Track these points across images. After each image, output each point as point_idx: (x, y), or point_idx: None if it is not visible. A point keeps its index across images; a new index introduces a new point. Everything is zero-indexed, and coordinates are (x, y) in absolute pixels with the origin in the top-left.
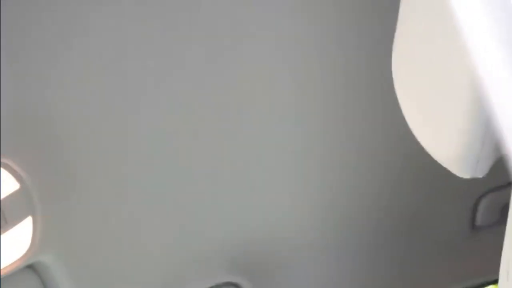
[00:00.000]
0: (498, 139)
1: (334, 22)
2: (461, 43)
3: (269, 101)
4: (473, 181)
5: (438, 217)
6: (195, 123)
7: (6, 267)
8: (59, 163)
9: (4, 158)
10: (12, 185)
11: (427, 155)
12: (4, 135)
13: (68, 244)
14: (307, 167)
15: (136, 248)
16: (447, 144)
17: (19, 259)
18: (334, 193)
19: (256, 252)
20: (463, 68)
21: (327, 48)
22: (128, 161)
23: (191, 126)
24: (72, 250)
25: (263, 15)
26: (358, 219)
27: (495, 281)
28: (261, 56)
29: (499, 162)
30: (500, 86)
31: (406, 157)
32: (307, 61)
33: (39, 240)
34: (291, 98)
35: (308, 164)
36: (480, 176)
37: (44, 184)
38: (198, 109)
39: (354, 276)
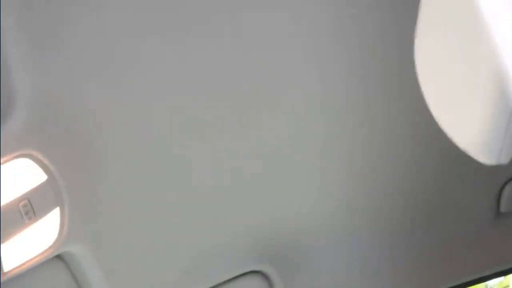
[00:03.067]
0: None
1: (356, 19)
2: (486, 30)
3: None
4: (497, 167)
5: (463, 204)
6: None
7: (35, 257)
8: (86, 155)
9: (32, 150)
10: (40, 177)
11: (451, 142)
12: (32, 127)
13: (95, 234)
14: (331, 160)
15: (163, 237)
16: (472, 130)
17: (47, 250)
18: (357, 185)
19: (282, 242)
20: (488, 54)
21: (348, 46)
22: (154, 152)
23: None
24: (99, 240)
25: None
26: (381, 210)
27: None
28: (284, 55)
29: None
30: None
31: (430, 145)
32: (329, 59)
33: (67, 231)
34: (316, 96)
35: (332, 157)
36: (504, 163)
37: (71, 176)
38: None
39: (377, 266)
